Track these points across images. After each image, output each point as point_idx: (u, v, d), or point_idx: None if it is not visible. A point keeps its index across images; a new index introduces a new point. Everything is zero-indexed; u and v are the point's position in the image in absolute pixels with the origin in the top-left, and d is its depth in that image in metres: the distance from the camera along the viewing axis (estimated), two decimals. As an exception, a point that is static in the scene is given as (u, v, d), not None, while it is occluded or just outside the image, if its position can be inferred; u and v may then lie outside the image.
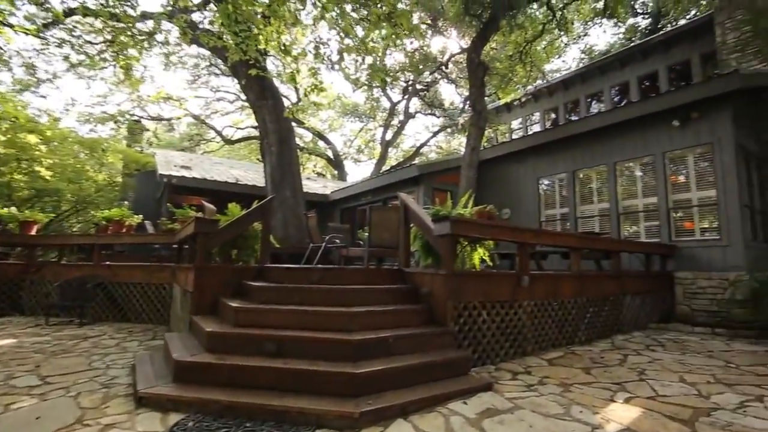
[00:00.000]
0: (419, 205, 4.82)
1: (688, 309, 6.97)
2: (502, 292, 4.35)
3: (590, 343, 5.29)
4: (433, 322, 3.95)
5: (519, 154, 10.13)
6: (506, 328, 4.35)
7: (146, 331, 5.96)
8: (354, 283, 4.16)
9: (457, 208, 4.90)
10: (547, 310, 4.85)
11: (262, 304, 3.88)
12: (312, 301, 3.87)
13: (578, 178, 9.13)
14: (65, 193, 10.59)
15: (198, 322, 3.97)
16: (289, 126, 11.38)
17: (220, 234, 4.66)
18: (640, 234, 8.09)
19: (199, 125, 24.93)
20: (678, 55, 11.18)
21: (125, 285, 6.85)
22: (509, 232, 4.48)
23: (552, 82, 13.77)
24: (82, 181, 10.89)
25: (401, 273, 4.55)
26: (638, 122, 7.94)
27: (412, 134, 37.15)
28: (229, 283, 4.60)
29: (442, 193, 11.04)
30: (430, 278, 4.12)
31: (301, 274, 4.23)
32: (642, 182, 8.13)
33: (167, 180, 11.32)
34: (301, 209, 10.82)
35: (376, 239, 6.68)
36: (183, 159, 15.86)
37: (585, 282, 5.41)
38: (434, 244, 4.19)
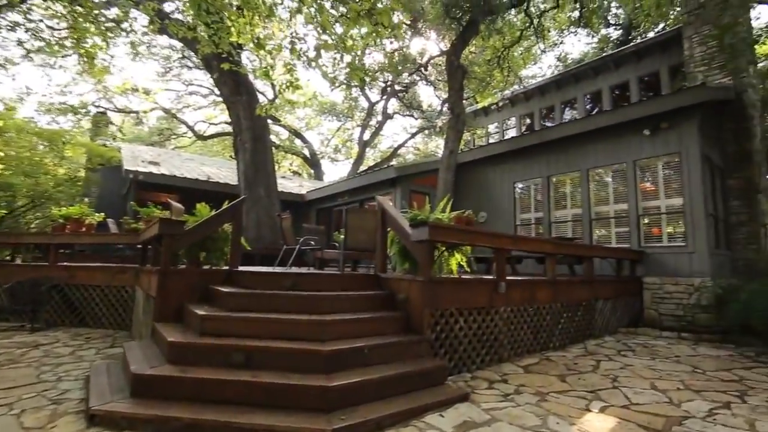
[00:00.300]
0: (397, 209, 4.72)
1: (655, 313, 7.17)
2: (479, 299, 4.30)
3: (564, 348, 5.33)
4: (410, 330, 3.85)
5: (496, 158, 10.20)
6: (483, 335, 4.31)
7: (105, 337, 5.60)
8: (328, 290, 4.01)
9: (435, 212, 4.82)
10: (523, 316, 4.84)
11: (231, 312, 3.67)
12: (284, 309, 3.69)
13: (553, 183, 9.27)
14: (20, 187, 9.91)
15: (160, 330, 3.72)
16: (264, 123, 11.08)
17: (187, 236, 4.41)
18: (611, 239, 8.29)
19: (169, 119, 24.03)
20: (648, 66, 11.55)
21: (84, 287, 6.43)
22: (487, 238, 4.43)
23: (529, 88, 14.00)
24: (39, 175, 10.22)
25: (378, 279, 4.43)
26: (611, 130, 8.12)
27: (390, 135, 37.20)
28: (196, 288, 4.36)
29: (420, 195, 11.01)
30: (407, 284, 4.02)
31: (273, 280, 4.05)
32: (613, 189, 8.32)
33: (133, 176, 10.80)
34: (276, 209, 10.54)
35: (351, 242, 6.54)
36: (151, 154, 15.21)
37: (559, 288, 5.44)
38: (411, 249, 4.10)
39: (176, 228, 4.28)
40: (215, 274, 4.55)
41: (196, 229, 4.45)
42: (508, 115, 15.39)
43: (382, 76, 20.52)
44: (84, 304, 6.41)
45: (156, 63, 20.41)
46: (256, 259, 9.82)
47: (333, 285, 4.07)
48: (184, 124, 24.57)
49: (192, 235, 4.45)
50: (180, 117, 23.91)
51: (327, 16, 4.54)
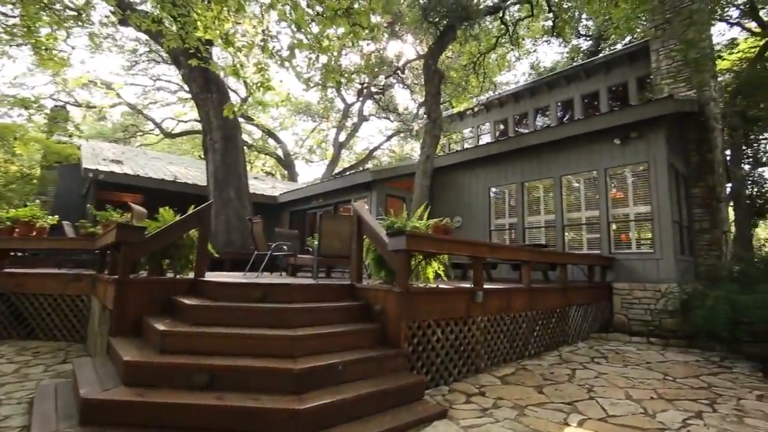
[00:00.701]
0: (372, 214, 4.57)
1: (625, 318, 7.33)
2: (456, 309, 4.21)
3: (539, 356, 5.33)
4: (386, 343, 3.71)
5: (472, 163, 10.23)
6: (460, 346, 4.22)
7: (57, 351, 5.17)
8: (301, 301, 3.82)
9: (412, 220, 4.71)
10: (499, 325, 4.79)
11: (195, 326, 3.42)
12: (253, 323, 3.47)
13: (527, 189, 9.37)
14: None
15: (116, 346, 3.43)
16: (235, 122, 10.71)
17: (148, 243, 4.11)
18: (583, 245, 8.44)
19: (135, 115, 22.98)
20: (617, 76, 11.92)
21: (34, 296, 5.94)
22: (465, 247, 4.35)
23: (503, 94, 14.18)
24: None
25: (353, 289, 4.27)
26: (584, 138, 8.28)
27: (366, 137, 37.05)
28: (158, 299, 4.06)
29: (395, 199, 10.92)
30: (383, 295, 3.87)
31: (242, 290, 3.82)
32: (585, 196, 8.48)
33: (92, 175, 10.18)
34: (247, 212, 10.20)
35: (326, 248, 6.35)
36: (114, 152, 14.46)
37: (535, 295, 5.44)
38: (388, 258, 3.96)
39: (135, 235, 3.97)
40: (179, 283, 4.27)
41: (158, 236, 4.16)
42: (482, 121, 15.55)
43: (358, 78, 20.38)
44: (34, 314, 5.91)
45: (121, 56, 19.46)
46: (226, 264, 9.45)
47: (306, 296, 3.88)
48: (151, 121, 23.57)
49: (153, 243, 4.15)
50: (146, 113, 22.92)
51: (302, 14, 4.34)
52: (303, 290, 3.89)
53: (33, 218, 6.07)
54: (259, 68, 4.62)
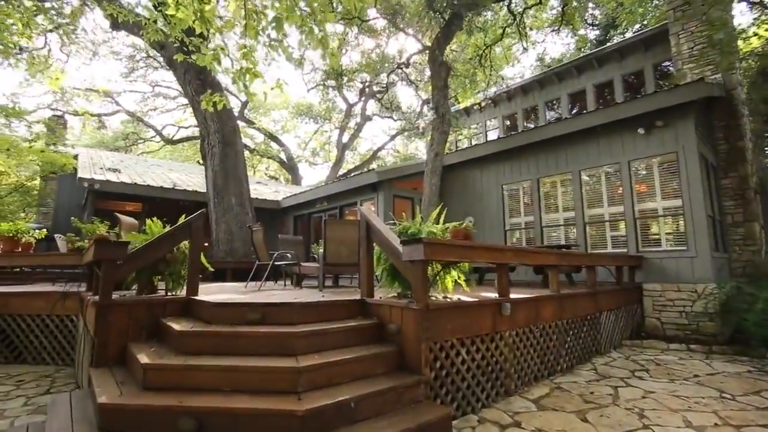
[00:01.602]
0: (380, 216, 4.07)
1: (657, 322, 6.77)
2: (482, 324, 3.71)
3: (572, 370, 4.81)
4: (404, 368, 3.21)
5: (482, 160, 9.71)
6: (487, 366, 3.71)
7: (43, 379, 4.74)
8: (304, 321, 3.33)
9: (427, 224, 4.21)
10: (528, 339, 4.28)
11: (183, 356, 2.95)
12: (250, 350, 3.00)
13: (543, 185, 8.83)
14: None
15: (95, 381, 2.98)
16: (234, 125, 10.28)
17: (132, 260, 3.65)
18: (606, 244, 7.88)
19: (135, 123, 22.69)
20: (632, 64, 11.33)
21: (20, 317, 5.52)
22: (489, 253, 3.85)
23: (511, 87, 13.63)
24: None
25: (363, 305, 3.78)
26: (603, 129, 7.73)
27: (369, 137, 36.55)
28: (144, 323, 3.61)
29: (403, 200, 10.43)
30: (399, 312, 3.38)
31: (238, 312, 3.34)
32: (607, 191, 7.93)
33: (88, 185, 9.79)
34: (249, 218, 9.75)
35: (332, 256, 5.88)
36: (113, 160, 14.11)
37: (564, 302, 4.92)
38: (403, 270, 3.47)
39: (117, 251, 3.52)
40: (169, 303, 3.80)
41: (143, 251, 3.70)
42: (489, 116, 15.02)
43: (359, 77, 19.92)
44: (21, 337, 5.50)
45: (119, 63, 19.16)
46: (228, 274, 9.01)
47: (310, 315, 3.40)
48: (152, 128, 23.27)
49: (137, 259, 3.70)
50: (146, 120, 22.61)
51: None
52: (307, 309, 3.41)
53: (17, 233, 5.65)
54: (244, 53, 4.13)
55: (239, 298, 3.87)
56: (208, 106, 5.02)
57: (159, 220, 4.36)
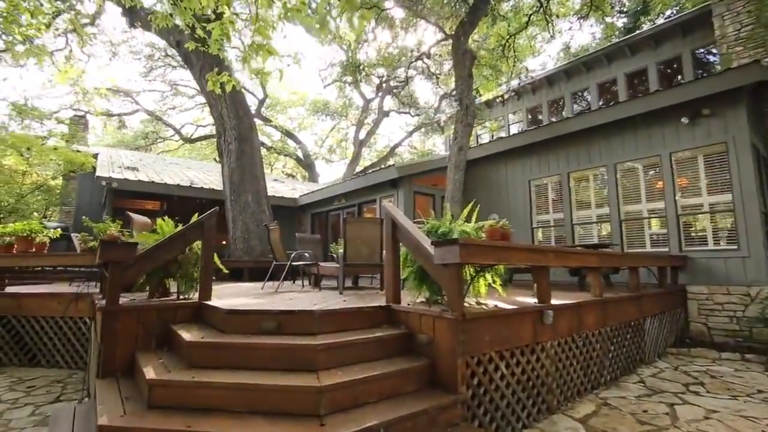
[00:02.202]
0: (404, 216, 3.71)
1: (703, 327, 6.23)
2: (522, 335, 3.32)
3: (617, 382, 4.36)
4: (437, 385, 2.86)
5: (507, 154, 9.24)
6: (528, 381, 3.33)
7: (55, 384, 4.56)
8: (325, 331, 3.01)
9: (458, 222, 3.84)
10: (571, 350, 3.87)
11: (193, 370, 2.67)
12: (265, 364, 2.69)
13: (574, 180, 8.32)
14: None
15: (99, 395, 2.73)
16: (250, 122, 10.07)
17: (141, 262, 3.40)
18: (645, 242, 7.33)
19: (154, 122, 22.88)
20: (668, 50, 10.63)
21: (35, 319, 5.39)
22: (529, 255, 3.45)
23: (536, 78, 13.04)
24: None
25: (389, 312, 3.43)
26: (642, 119, 7.18)
27: (386, 134, 36.21)
28: (154, 330, 3.35)
29: (424, 197, 10.04)
30: (430, 322, 3.02)
31: (252, 320, 3.04)
32: (646, 185, 7.37)
33: (106, 183, 9.74)
34: (266, 216, 9.53)
35: (352, 255, 5.57)
36: (132, 159, 14.14)
37: (608, 308, 4.48)
38: (435, 274, 3.11)
39: (124, 253, 3.26)
40: (180, 309, 3.54)
41: (152, 253, 3.44)
42: (512, 109, 14.45)
43: (376, 72, 19.55)
44: (35, 339, 5.36)
45: (138, 62, 19.29)
46: (245, 273, 8.81)
47: (331, 324, 3.07)
48: (171, 127, 23.44)
49: (147, 261, 3.44)
50: (165, 119, 22.78)
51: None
52: (327, 318, 3.08)
53: (31, 233, 5.52)
54: (258, 28, 3.78)
55: (254, 304, 3.57)
56: (215, 87, 4.71)
57: (178, 218, 4.13)
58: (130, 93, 20.28)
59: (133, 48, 18.78)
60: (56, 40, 15.33)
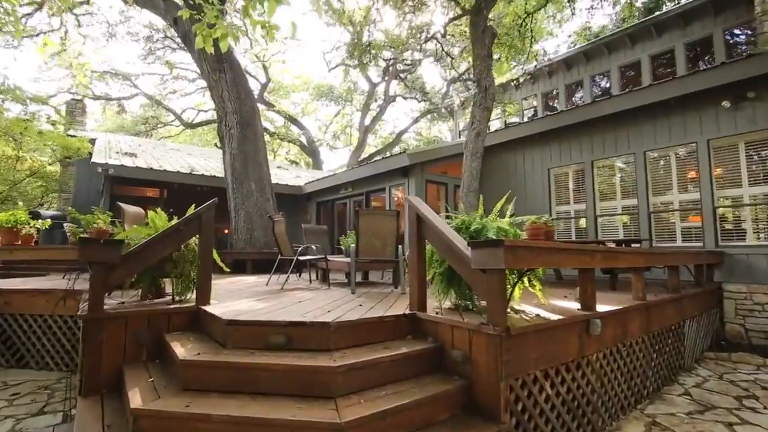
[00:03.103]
0: (431, 209, 3.23)
1: (741, 329, 5.78)
2: (568, 349, 2.88)
3: (659, 394, 3.94)
4: (475, 410, 2.43)
5: (525, 141, 8.71)
6: (573, 401, 2.90)
7: (41, 390, 4.17)
8: (341, 346, 2.57)
9: (491, 217, 3.38)
10: (615, 361, 3.43)
11: (188, 394, 2.25)
12: (273, 387, 2.26)
13: (597, 169, 7.79)
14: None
15: (77, 421, 2.32)
16: (252, 105, 9.53)
17: (128, 262, 2.96)
18: (676, 237, 6.84)
19: (154, 106, 22.29)
20: (698, 30, 9.96)
21: (22, 317, 4.99)
22: (578, 257, 2.98)
23: (553, 60, 12.38)
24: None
25: (414, 321, 2.99)
26: (677, 103, 6.62)
27: (391, 120, 35.48)
28: (145, 339, 2.93)
29: (436, 186, 9.55)
30: (465, 336, 2.58)
31: (257, 333, 2.60)
32: (678, 175, 6.84)
33: (102, 170, 9.28)
34: (270, 205, 9.08)
35: (365, 250, 5.12)
36: (130, 145, 13.65)
37: (652, 312, 4.03)
38: (470, 280, 2.65)
39: (107, 253, 2.82)
40: (174, 315, 3.11)
41: (141, 251, 2.99)
42: (526, 94, 13.82)
43: (382, 56, 18.82)
44: (23, 338, 4.97)
45: (137, 45, 18.64)
46: (248, 265, 8.40)
47: (348, 338, 2.63)
48: (171, 112, 22.86)
49: (136, 261, 3.00)
50: (166, 104, 22.19)
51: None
52: (345, 330, 2.64)
53: (16, 224, 5.08)
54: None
55: (259, 310, 3.13)
56: (206, 44, 4.17)
57: (178, 207, 3.68)
58: (129, 76, 19.66)
59: (130, 29, 18.14)
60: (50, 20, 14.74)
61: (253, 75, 22.36)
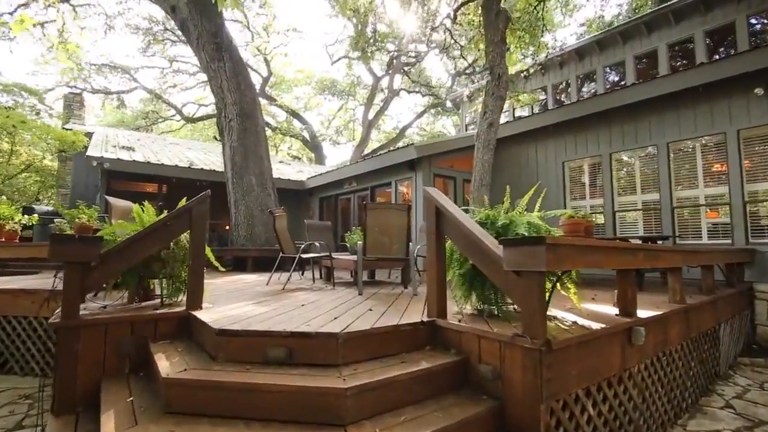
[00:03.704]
0: (451, 202, 2.87)
1: (774, 332, 5.40)
2: (610, 362, 2.52)
3: (698, 407, 3.57)
4: (507, 436, 2.07)
5: (538, 133, 8.31)
6: (615, 420, 2.53)
7: (22, 400, 3.85)
8: (351, 360, 2.22)
9: (517, 210, 3.02)
10: (656, 372, 3.06)
11: (171, 417, 1.90)
12: (272, 413, 1.91)
13: (615, 162, 7.39)
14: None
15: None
16: (253, 96, 9.16)
17: (109, 262, 2.61)
18: (701, 233, 6.45)
19: (154, 101, 21.93)
20: (719, 17, 9.50)
21: (6, 320, 4.66)
22: (620, 257, 2.60)
23: (565, 50, 11.93)
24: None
25: (433, 329, 2.62)
26: (703, 91, 6.20)
27: (394, 115, 34.98)
28: (127, 349, 2.58)
29: (445, 180, 9.17)
30: (495, 348, 2.21)
31: (253, 345, 2.25)
32: (704, 167, 6.44)
33: (97, 163, 8.95)
34: (271, 200, 8.72)
35: (373, 247, 4.76)
36: (129, 138, 13.31)
37: (690, 316, 3.65)
38: (501, 283, 2.28)
39: (82, 251, 2.47)
40: (162, 322, 2.76)
41: (123, 249, 2.64)
42: (536, 86, 13.36)
43: (386, 47, 18.39)
44: (7, 342, 4.65)
45: (136, 37, 18.29)
46: (249, 262, 8.06)
47: (359, 350, 2.27)
48: (172, 107, 22.49)
49: (118, 260, 2.65)
50: (166, 98, 21.82)
51: None
52: (355, 342, 2.28)
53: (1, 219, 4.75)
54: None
55: (257, 316, 2.77)
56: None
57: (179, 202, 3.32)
58: (128, 69, 19.30)
59: (129, 21, 17.76)
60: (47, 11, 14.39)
61: (255, 69, 21.95)
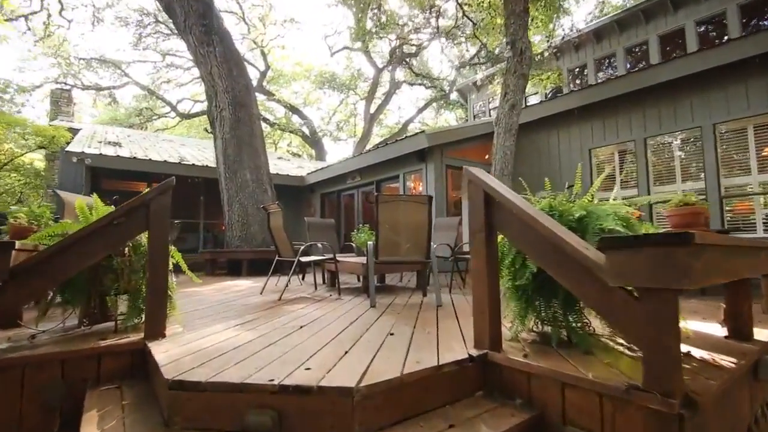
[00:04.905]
0: (505, 187, 2.11)
1: None
2: (742, 410, 1.76)
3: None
4: None
5: (560, 118, 7.53)
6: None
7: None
8: (375, 428, 1.46)
9: (587, 197, 2.29)
10: None
11: None
12: None
13: (651, 147, 6.62)
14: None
15: None
16: (246, 82, 8.39)
17: (28, 277, 1.85)
18: (756, 227, 5.68)
19: (148, 97, 21.16)
20: (755, -12, 8.69)
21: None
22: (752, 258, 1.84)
23: (582, 32, 11.12)
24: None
25: (485, 366, 1.86)
26: (755, 63, 5.42)
27: (396, 110, 34.20)
28: (55, 400, 1.83)
29: (458, 172, 8.39)
30: (594, 403, 1.46)
31: (225, 405, 1.50)
32: (757, 151, 5.66)
33: (78, 159, 8.21)
34: (268, 197, 7.97)
35: (386, 248, 4.01)
36: (118, 135, 12.57)
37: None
38: (598, 304, 1.52)
39: (-21, 263, 1.71)
40: (107, 358, 2.01)
41: (51, 258, 1.89)
42: (550, 70, 12.54)
43: (387, 40, 17.60)
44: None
45: (125, 30, 17.52)
46: (244, 265, 7.32)
47: (381, 412, 1.51)
48: (166, 103, 21.72)
49: (43, 274, 1.89)
50: (160, 94, 21.05)
51: None
52: (377, 399, 1.51)
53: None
54: None
55: (237, 347, 2.01)
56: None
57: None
58: (119, 64, 18.53)
59: (119, 14, 17.00)
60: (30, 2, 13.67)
61: (252, 63, 21.18)
